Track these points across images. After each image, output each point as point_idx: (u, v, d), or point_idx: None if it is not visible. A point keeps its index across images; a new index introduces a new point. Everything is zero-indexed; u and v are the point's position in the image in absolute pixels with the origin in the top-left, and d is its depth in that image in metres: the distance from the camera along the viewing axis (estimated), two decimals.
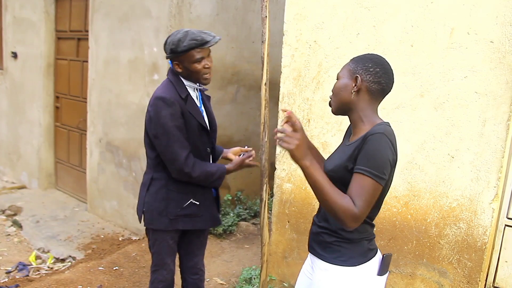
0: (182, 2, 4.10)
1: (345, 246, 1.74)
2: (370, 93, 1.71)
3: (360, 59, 1.74)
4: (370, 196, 1.57)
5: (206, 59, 2.32)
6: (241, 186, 5.08)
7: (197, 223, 2.47)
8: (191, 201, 2.41)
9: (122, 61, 4.51)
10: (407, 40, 2.67)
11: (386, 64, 1.73)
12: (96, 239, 4.53)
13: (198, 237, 2.60)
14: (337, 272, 1.74)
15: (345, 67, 1.76)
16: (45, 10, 5.56)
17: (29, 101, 5.95)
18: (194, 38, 2.25)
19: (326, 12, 2.97)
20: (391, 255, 1.82)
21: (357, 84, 1.69)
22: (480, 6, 2.42)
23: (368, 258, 1.75)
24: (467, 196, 2.55)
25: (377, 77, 1.69)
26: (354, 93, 1.70)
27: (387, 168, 1.61)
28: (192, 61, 2.28)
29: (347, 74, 1.73)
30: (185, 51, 2.26)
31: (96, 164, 5.01)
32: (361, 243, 1.75)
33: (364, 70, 1.69)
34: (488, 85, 2.43)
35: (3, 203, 5.44)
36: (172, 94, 2.30)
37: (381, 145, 1.60)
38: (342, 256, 1.73)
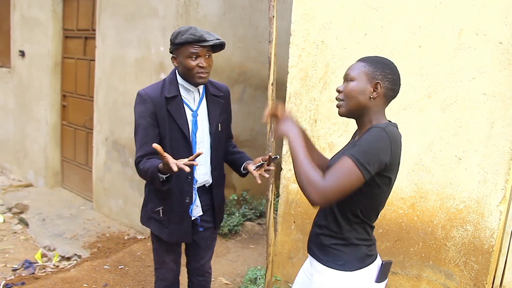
0: (189, 2, 4.10)
1: (343, 250, 1.73)
2: (385, 99, 1.73)
3: (377, 62, 1.71)
4: (345, 177, 1.53)
5: (203, 58, 2.21)
6: (246, 186, 5.07)
7: (163, 233, 2.38)
8: (160, 209, 2.35)
9: (128, 60, 4.52)
10: (415, 41, 2.66)
11: (397, 70, 1.75)
12: (101, 237, 4.54)
13: (205, 240, 2.54)
14: (334, 276, 1.74)
15: (360, 69, 1.71)
16: (53, 9, 5.58)
17: (36, 100, 5.97)
18: (193, 34, 2.18)
19: (334, 12, 2.96)
20: (391, 263, 1.82)
21: (377, 90, 1.68)
22: (489, 7, 2.41)
23: (365, 264, 1.74)
24: (474, 198, 2.53)
25: (393, 85, 1.71)
26: (372, 98, 1.69)
27: (375, 162, 1.56)
28: (186, 56, 2.20)
29: (365, 78, 1.69)
30: (181, 43, 2.19)
31: (102, 163, 5.03)
32: (360, 248, 1.74)
33: (383, 76, 1.69)
34: (496, 87, 2.42)
35: (10, 201, 5.46)
36: (152, 92, 2.25)
37: (376, 138, 1.60)
38: (339, 260, 1.73)
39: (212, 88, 2.41)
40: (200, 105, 2.36)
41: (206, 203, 2.46)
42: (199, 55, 2.19)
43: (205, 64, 2.21)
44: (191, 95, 2.33)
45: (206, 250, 2.60)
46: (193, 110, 2.32)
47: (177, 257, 2.53)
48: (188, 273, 2.67)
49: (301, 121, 3.15)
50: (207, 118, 2.37)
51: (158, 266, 2.52)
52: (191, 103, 2.33)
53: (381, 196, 1.72)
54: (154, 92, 2.25)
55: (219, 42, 2.22)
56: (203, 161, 2.36)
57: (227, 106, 2.50)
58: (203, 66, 2.20)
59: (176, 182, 2.26)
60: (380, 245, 2.90)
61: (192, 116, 2.32)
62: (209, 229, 2.53)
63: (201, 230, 2.47)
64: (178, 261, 2.54)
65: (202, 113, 2.36)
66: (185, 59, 2.20)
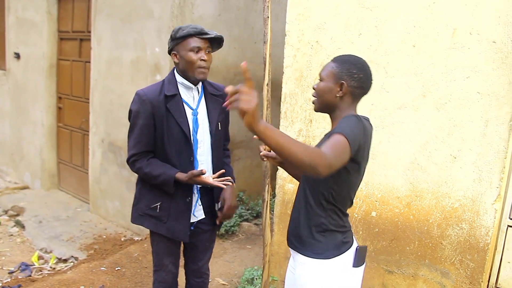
0: (184, 3, 4.10)
1: (319, 239, 1.81)
2: (353, 96, 1.81)
3: (344, 62, 1.80)
4: (342, 150, 1.58)
5: (204, 52, 2.25)
6: (243, 186, 5.08)
7: (161, 228, 2.37)
8: (159, 205, 2.35)
9: (124, 62, 4.52)
10: (409, 41, 2.67)
11: (368, 68, 1.83)
12: (98, 239, 4.53)
13: (203, 241, 2.54)
14: (313, 264, 1.81)
15: (329, 69, 1.82)
16: (48, 10, 5.57)
17: (32, 102, 5.96)
18: (194, 27, 2.24)
19: (328, 12, 2.96)
20: (365, 248, 1.89)
21: (342, 89, 1.78)
22: (483, 6, 2.42)
23: (342, 251, 1.82)
24: (469, 196, 2.54)
25: (360, 83, 1.79)
26: (338, 97, 1.79)
27: (356, 140, 1.63)
28: (188, 49, 2.23)
29: (332, 78, 1.80)
30: (183, 37, 2.23)
31: (99, 165, 5.02)
32: (335, 236, 1.81)
33: (348, 76, 1.77)
34: (490, 86, 2.43)
35: (6, 204, 5.45)
36: (151, 92, 2.27)
37: (352, 122, 1.68)
38: (317, 249, 1.81)
39: (211, 88, 2.43)
40: (200, 104, 2.37)
41: (207, 205, 2.46)
42: (200, 48, 2.24)
43: (206, 57, 2.25)
44: (191, 93, 2.34)
45: (205, 252, 2.60)
46: (193, 109, 2.33)
47: (176, 259, 2.52)
48: (186, 275, 2.67)
49: (296, 121, 3.16)
50: (207, 117, 2.39)
51: (158, 269, 2.50)
52: (191, 102, 2.34)
53: (351, 181, 1.80)
54: (152, 93, 2.26)
55: (219, 36, 2.29)
56: (203, 160, 2.38)
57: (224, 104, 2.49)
58: (205, 59, 2.24)
59: None
60: (376, 244, 2.91)
61: (193, 114, 2.33)
62: (208, 231, 2.53)
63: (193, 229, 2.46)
64: (177, 264, 2.54)
65: (202, 112, 2.37)
66: (187, 53, 2.23)
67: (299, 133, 3.15)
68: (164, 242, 2.43)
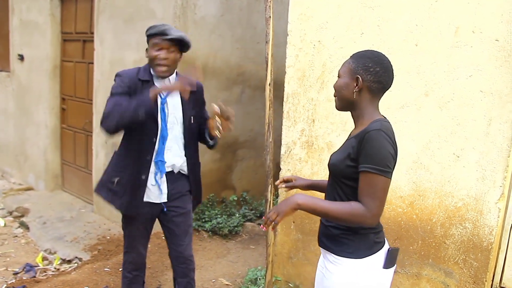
0: (186, 3, 4.11)
1: (351, 238, 1.78)
2: (371, 92, 1.77)
3: (360, 57, 1.78)
4: (382, 191, 1.64)
5: (165, 51, 2.44)
6: (246, 186, 5.08)
7: (115, 202, 2.57)
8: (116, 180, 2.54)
9: (127, 62, 4.52)
10: (412, 39, 2.66)
11: (386, 61, 1.78)
12: (102, 240, 4.54)
13: (178, 225, 2.69)
14: (345, 264, 1.79)
15: (346, 65, 1.81)
16: (51, 12, 5.59)
17: (36, 103, 5.98)
18: (159, 27, 2.46)
19: (330, 12, 2.96)
20: (397, 249, 1.86)
21: (358, 84, 1.75)
22: (485, 5, 2.41)
23: (374, 251, 1.79)
24: (472, 195, 2.53)
25: (378, 77, 1.75)
26: (356, 93, 1.76)
27: (390, 161, 1.66)
28: (149, 47, 2.49)
29: (348, 73, 1.78)
30: (148, 35, 2.49)
31: (102, 165, 5.02)
32: (367, 236, 1.79)
33: (364, 70, 1.74)
34: (493, 84, 2.42)
35: (11, 205, 5.47)
36: (129, 72, 2.51)
37: (379, 140, 1.65)
38: (349, 248, 1.78)
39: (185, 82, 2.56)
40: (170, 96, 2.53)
41: (179, 190, 2.64)
42: (161, 47, 2.45)
43: (165, 56, 2.45)
44: (161, 84, 2.51)
45: (183, 236, 2.72)
46: (161, 98, 2.49)
47: (146, 241, 2.73)
48: (171, 263, 2.80)
49: (299, 121, 3.16)
50: (181, 110, 2.58)
51: (128, 250, 2.71)
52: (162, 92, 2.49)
53: None
54: (131, 73, 2.51)
55: (179, 36, 2.46)
56: (170, 147, 2.55)
57: (199, 99, 2.70)
58: (162, 57, 2.45)
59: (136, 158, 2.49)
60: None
61: (161, 103, 2.50)
62: (182, 214, 2.68)
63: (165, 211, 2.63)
64: (146, 245, 2.74)
65: (172, 103, 2.55)
66: (150, 49, 2.49)
67: (302, 133, 3.15)
68: (135, 225, 2.63)
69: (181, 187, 2.66)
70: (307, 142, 3.14)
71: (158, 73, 2.48)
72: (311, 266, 3.14)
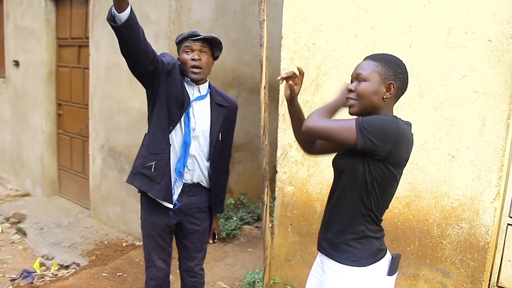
0: (181, 7, 4.11)
1: (355, 246, 1.74)
2: (396, 97, 1.77)
3: (389, 62, 1.72)
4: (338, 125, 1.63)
5: (197, 53, 2.39)
6: (243, 189, 5.08)
7: (152, 190, 2.39)
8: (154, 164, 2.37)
9: (122, 67, 4.52)
10: (405, 41, 2.67)
11: (406, 68, 1.78)
12: (99, 245, 4.54)
13: (194, 242, 2.60)
14: (348, 272, 1.74)
15: (372, 68, 1.71)
16: (46, 18, 5.59)
17: (32, 109, 5.98)
18: (189, 31, 2.43)
19: (324, 14, 2.97)
20: (400, 255, 1.83)
21: (391, 92, 1.71)
22: (477, 5, 2.42)
23: (378, 258, 1.75)
24: (468, 195, 2.54)
25: (404, 84, 1.76)
26: (386, 98, 1.71)
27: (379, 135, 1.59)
28: (182, 50, 2.43)
29: (378, 78, 1.70)
30: (179, 41, 2.45)
31: (99, 170, 5.03)
32: (371, 242, 1.75)
33: (395, 76, 1.71)
34: (487, 84, 2.43)
35: (8, 211, 5.46)
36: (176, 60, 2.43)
37: (387, 119, 1.63)
38: (353, 256, 1.73)
39: (219, 97, 2.56)
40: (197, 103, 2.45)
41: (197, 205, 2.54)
42: (192, 49, 2.40)
43: (197, 57, 2.38)
44: (191, 91, 2.45)
45: (197, 252, 2.64)
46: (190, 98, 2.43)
47: (167, 257, 2.57)
48: (180, 274, 2.71)
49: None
50: (209, 123, 2.48)
51: (148, 265, 2.56)
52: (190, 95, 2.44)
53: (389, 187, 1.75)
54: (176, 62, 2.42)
55: (209, 36, 2.43)
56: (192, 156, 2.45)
57: (230, 118, 2.61)
58: (196, 59, 2.38)
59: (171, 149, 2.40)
60: None
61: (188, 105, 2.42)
62: (198, 232, 2.59)
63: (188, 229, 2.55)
64: (168, 261, 2.59)
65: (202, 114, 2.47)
66: (182, 54, 2.43)
67: None
68: (154, 237, 2.50)
69: (200, 202, 2.55)
70: None
71: (192, 76, 2.39)
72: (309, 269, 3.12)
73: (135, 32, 2.07)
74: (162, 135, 2.37)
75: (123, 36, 2.07)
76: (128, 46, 2.12)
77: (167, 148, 2.38)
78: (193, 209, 2.53)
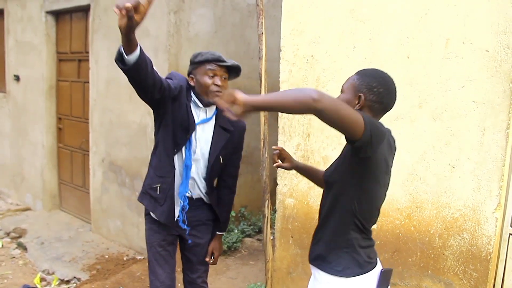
0: (180, 21, 4.14)
1: (342, 256, 1.73)
2: (372, 111, 1.75)
3: (365, 75, 1.76)
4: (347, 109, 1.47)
5: (219, 78, 2.35)
6: (244, 202, 5.06)
7: (156, 211, 2.43)
8: (159, 186, 2.41)
9: (122, 81, 4.53)
10: (403, 52, 2.68)
11: (391, 83, 1.77)
12: (100, 259, 4.52)
13: (197, 255, 2.61)
14: (332, 282, 1.73)
15: (350, 81, 1.79)
16: (46, 32, 5.62)
17: (32, 123, 5.99)
18: (213, 54, 2.36)
19: (322, 26, 2.99)
20: (391, 270, 1.82)
21: (359, 102, 1.73)
22: (474, 16, 2.43)
23: (365, 270, 1.73)
24: (469, 206, 2.53)
25: (380, 98, 1.74)
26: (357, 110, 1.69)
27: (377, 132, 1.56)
28: (203, 73, 2.34)
29: (351, 90, 1.76)
30: (201, 62, 2.35)
31: (100, 184, 5.02)
32: (358, 253, 1.73)
33: (368, 89, 1.72)
34: (485, 94, 2.43)
35: (8, 226, 5.44)
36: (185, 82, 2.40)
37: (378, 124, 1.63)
38: (338, 265, 1.73)
39: (224, 121, 2.48)
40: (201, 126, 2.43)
41: (199, 218, 2.55)
42: (216, 73, 2.34)
43: (221, 83, 2.34)
44: (197, 112, 2.42)
45: (200, 264, 2.64)
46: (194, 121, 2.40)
47: (171, 270, 2.56)
48: (184, 286, 2.71)
49: (294, 136, 3.17)
50: (209, 146, 2.46)
51: (152, 277, 2.55)
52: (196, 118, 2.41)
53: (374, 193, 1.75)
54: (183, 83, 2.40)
55: (236, 64, 2.40)
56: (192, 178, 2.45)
57: (235, 142, 2.57)
58: (219, 85, 2.33)
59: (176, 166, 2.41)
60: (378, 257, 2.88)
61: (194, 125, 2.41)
62: (200, 245, 2.59)
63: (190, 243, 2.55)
64: (172, 276, 2.57)
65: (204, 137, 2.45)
66: (203, 77, 2.35)
67: (298, 148, 3.15)
68: (155, 248, 2.50)
69: (202, 216, 2.56)
70: (303, 157, 3.14)
71: (213, 100, 2.35)
72: None
73: (144, 69, 2.02)
74: (168, 159, 2.39)
75: (132, 75, 2.04)
76: (135, 81, 2.10)
77: (171, 171, 2.40)
78: (194, 222, 2.53)
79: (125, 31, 1.83)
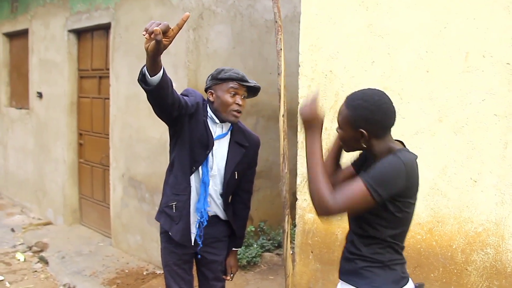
0: (199, 38, 4.20)
1: (377, 272, 1.72)
2: (378, 136, 1.73)
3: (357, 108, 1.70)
4: (354, 199, 1.59)
5: (240, 97, 2.37)
6: (264, 216, 5.06)
7: (172, 229, 2.44)
8: (175, 204, 2.42)
9: (141, 97, 4.58)
10: (422, 66, 2.68)
11: (383, 103, 1.70)
12: (120, 273, 4.54)
13: (213, 271, 2.61)
14: None
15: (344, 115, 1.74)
16: (68, 51, 5.75)
17: (54, 139, 6.10)
18: (237, 73, 2.38)
19: (340, 41, 3.00)
20: (423, 285, 1.82)
21: (364, 137, 1.71)
22: (494, 29, 2.43)
23: (400, 285, 1.73)
24: (492, 220, 2.50)
25: (380, 124, 1.71)
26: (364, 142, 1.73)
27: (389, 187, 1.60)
28: (225, 91, 2.35)
29: (348, 126, 1.73)
30: (224, 79, 2.36)
31: (120, 199, 5.07)
32: (394, 269, 1.73)
33: (365, 122, 1.69)
34: (507, 107, 2.41)
35: (30, 240, 5.52)
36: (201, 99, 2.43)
37: (390, 164, 1.63)
38: (374, 282, 1.72)
39: (240, 136, 2.51)
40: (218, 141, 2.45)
41: (214, 235, 2.56)
42: (237, 92, 2.37)
43: (241, 103, 2.37)
44: (214, 128, 2.44)
45: (216, 280, 2.64)
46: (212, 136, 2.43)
47: (186, 285, 2.57)
48: None
49: None
50: (225, 161, 2.47)
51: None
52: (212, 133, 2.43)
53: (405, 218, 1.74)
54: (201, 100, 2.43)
55: (258, 86, 2.44)
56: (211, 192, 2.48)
57: (250, 157, 2.59)
58: (240, 104, 2.36)
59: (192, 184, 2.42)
60: None
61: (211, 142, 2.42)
62: (216, 262, 2.60)
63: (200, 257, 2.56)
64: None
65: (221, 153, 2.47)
66: (224, 94, 2.36)
67: None
68: (171, 266, 2.52)
69: (218, 232, 2.57)
70: None
71: (231, 120, 2.38)
72: None
73: (165, 90, 2.05)
74: (184, 176, 2.41)
75: (153, 95, 2.07)
76: (156, 100, 2.13)
77: (187, 189, 2.41)
78: (210, 239, 2.54)
79: (152, 54, 1.86)
